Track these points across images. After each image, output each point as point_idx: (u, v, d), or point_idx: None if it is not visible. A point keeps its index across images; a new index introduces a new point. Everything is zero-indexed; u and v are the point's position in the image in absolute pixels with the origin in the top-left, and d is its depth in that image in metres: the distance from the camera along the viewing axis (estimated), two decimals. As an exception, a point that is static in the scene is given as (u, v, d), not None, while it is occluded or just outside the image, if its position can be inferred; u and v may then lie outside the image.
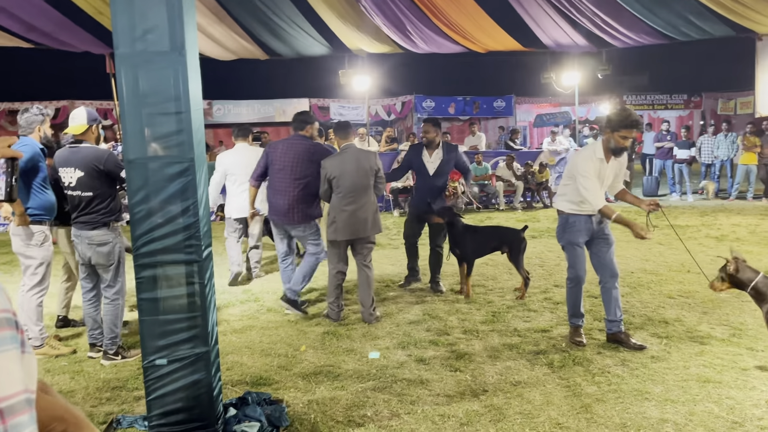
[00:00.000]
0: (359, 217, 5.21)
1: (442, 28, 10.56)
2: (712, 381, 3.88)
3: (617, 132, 4.35)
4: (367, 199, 5.26)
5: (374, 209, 5.33)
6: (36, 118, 4.61)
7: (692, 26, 10.23)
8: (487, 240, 6.23)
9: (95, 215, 4.23)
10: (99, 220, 4.23)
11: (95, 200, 4.20)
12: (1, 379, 0.52)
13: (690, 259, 7.31)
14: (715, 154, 13.43)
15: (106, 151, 4.34)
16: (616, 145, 4.39)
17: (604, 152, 4.47)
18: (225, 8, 9.05)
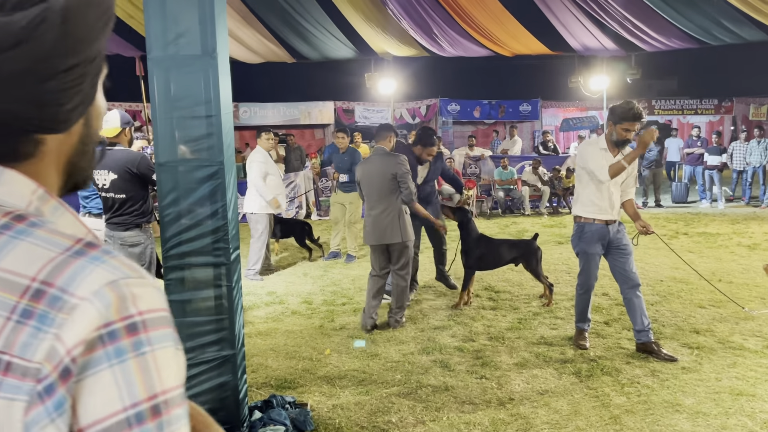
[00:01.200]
0: (382, 222, 5.13)
1: (469, 31, 10.50)
2: (745, 394, 3.78)
3: (619, 124, 4.35)
4: (389, 204, 5.12)
5: (397, 215, 5.13)
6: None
7: (726, 31, 10.02)
8: (500, 252, 6.04)
9: (128, 217, 4.29)
10: (131, 221, 4.28)
11: (128, 202, 4.25)
12: (163, 373, 0.58)
13: (721, 268, 7.18)
14: (747, 160, 13.13)
15: (139, 153, 4.39)
16: (618, 137, 4.37)
17: (607, 144, 4.44)
18: (253, 11, 9.12)
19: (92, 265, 0.58)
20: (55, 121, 0.64)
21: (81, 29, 0.61)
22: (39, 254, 0.58)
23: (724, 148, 13.78)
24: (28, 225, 0.60)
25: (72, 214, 0.67)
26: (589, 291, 4.70)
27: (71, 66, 0.62)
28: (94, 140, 0.72)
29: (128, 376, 0.56)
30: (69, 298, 0.56)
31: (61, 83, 0.62)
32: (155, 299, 0.60)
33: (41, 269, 0.57)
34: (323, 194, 12.52)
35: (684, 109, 21.94)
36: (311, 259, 8.10)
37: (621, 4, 9.37)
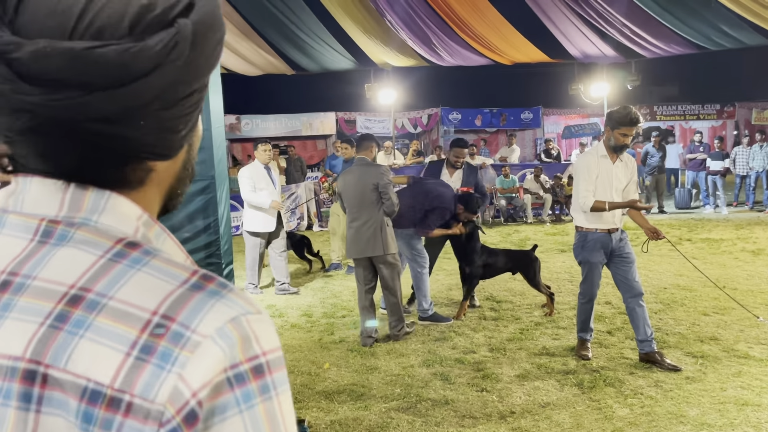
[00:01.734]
0: (364, 234, 4.97)
1: (468, 41, 10.52)
2: (750, 404, 3.71)
3: (617, 129, 4.32)
4: (370, 217, 4.93)
5: (378, 227, 4.94)
6: None
7: (725, 36, 10.01)
8: (499, 262, 6.05)
9: None
10: None
11: None
12: (287, 419, 0.56)
13: (726, 274, 7.10)
14: (750, 165, 13.07)
15: None
16: (616, 142, 4.35)
17: (606, 151, 4.41)
18: (251, 25, 9.15)
19: (212, 300, 0.55)
20: (169, 148, 0.62)
21: (204, 54, 0.59)
22: (158, 286, 0.55)
23: (727, 153, 13.72)
24: (142, 253, 0.57)
25: (174, 241, 0.65)
26: (591, 300, 4.65)
27: (192, 92, 0.60)
28: (193, 164, 0.71)
29: (257, 423, 0.54)
30: (191, 334, 0.53)
31: (182, 110, 0.60)
32: (274, 337, 0.58)
33: (162, 302, 0.54)
34: (324, 205, 12.50)
35: (686, 115, 21.88)
36: (311, 271, 8.07)
37: (620, 11, 9.38)
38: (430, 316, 5.65)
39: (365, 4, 8.77)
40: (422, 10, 9.08)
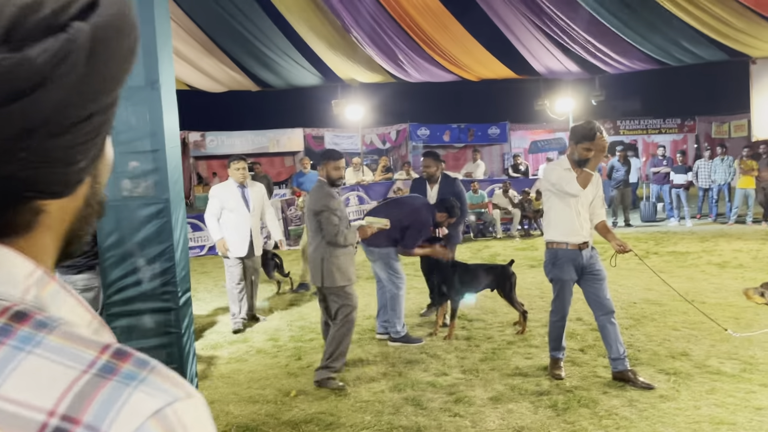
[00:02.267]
0: (312, 261, 4.64)
1: (435, 57, 10.52)
2: (725, 423, 3.66)
3: (580, 144, 4.34)
4: (317, 244, 4.54)
5: (320, 256, 4.50)
6: None
7: (685, 51, 10.20)
8: (476, 278, 5.95)
9: (79, 258, 4.03)
10: (84, 263, 4.02)
11: None
12: None
13: (694, 288, 7.14)
14: (713, 178, 13.33)
15: None
16: (579, 156, 4.35)
17: (571, 165, 4.41)
18: (214, 41, 8.98)
19: (129, 388, 0.43)
20: (63, 184, 0.49)
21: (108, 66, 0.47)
22: (55, 374, 0.42)
23: (689, 166, 13.98)
24: (33, 327, 0.44)
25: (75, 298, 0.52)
26: (563, 318, 4.59)
27: (91, 114, 0.47)
28: (100, 200, 0.57)
29: None
30: None
31: (77, 136, 0.47)
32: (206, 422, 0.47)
33: (61, 398, 0.41)
34: (292, 223, 12.31)
35: (648, 129, 22.33)
36: (279, 292, 7.85)
37: (583, 28, 9.49)
38: (402, 337, 5.49)
39: (330, 19, 8.70)
40: (388, 26, 9.05)
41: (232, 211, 6.08)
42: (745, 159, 12.68)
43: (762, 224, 12.45)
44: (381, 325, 5.70)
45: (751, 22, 9.00)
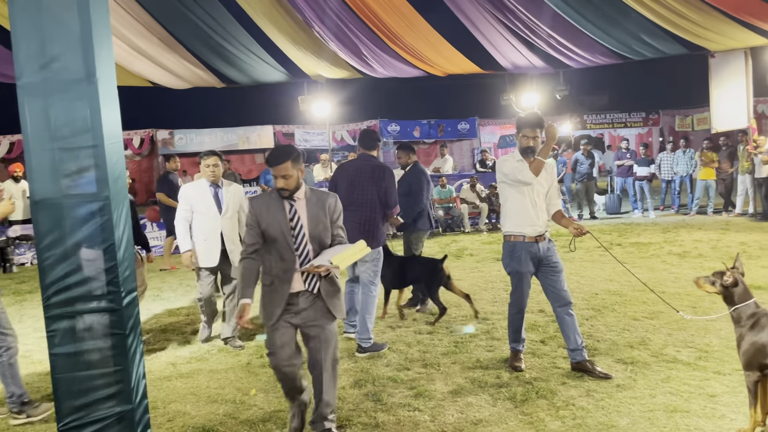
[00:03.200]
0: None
1: (400, 53, 10.49)
2: (679, 410, 3.71)
3: (520, 132, 4.44)
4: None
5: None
6: None
7: (646, 45, 10.34)
8: (404, 271, 6.07)
9: None
10: None
11: None
12: None
13: (654, 277, 7.25)
14: (675, 170, 13.58)
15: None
16: (520, 145, 4.45)
17: (522, 155, 4.45)
18: (175, 37, 8.82)
19: None
20: None
21: None
22: None
23: (653, 159, 14.21)
24: None
25: None
26: (522, 310, 4.61)
27: None
28: None
29: None
30: None
31: None
32: None
33: None
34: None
35: (614, 123, 22.66)
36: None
37: (546, 23, 9.55)
38: (372, 345, 5.19)
39: (292, 14, 8.60)
40: (351, 21, 8.98)
41: (201, 214, 5.41)
42: (706, 151, 12.93)
43: (722, 214, 12.72)
44: (349, 324, 5.60)
45: (708, 16, 9.16)
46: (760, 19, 9.35)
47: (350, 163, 5.40)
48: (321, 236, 3.37)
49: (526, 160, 4.42)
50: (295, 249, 3.32)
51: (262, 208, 3.34)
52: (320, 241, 3.37)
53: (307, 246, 3.34)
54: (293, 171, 3.28)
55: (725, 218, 12.35)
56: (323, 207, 3.39)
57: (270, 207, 3.34)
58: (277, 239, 3.32)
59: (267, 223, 3.31)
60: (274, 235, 3.32)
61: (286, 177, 3.27)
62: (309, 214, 3.34)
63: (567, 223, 4.54)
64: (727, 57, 11.95)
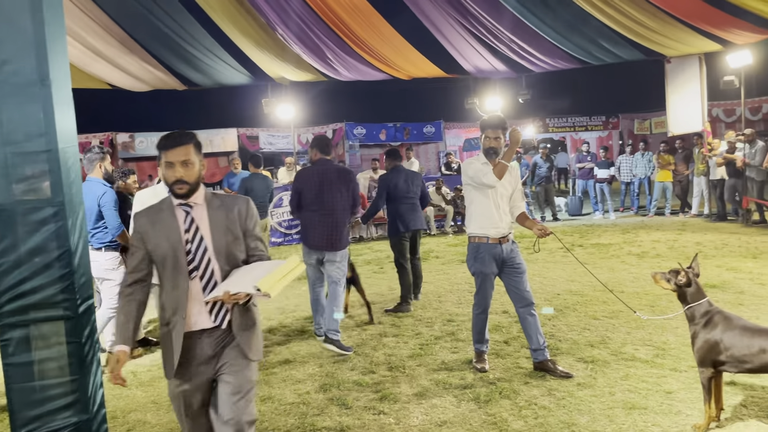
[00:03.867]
0: None
1: (364, 56, 10.50)
2: (637, 407, 3.80)
3: (483, 133, 4.54)
4: None
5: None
6: (96, 156, 5.22)
7: (604, 51, 10.58)
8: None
9: None
10: None
11: None
12: None
13: (614, 277, 7.41)
14: (634, 172, 13.91)
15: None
16: (483, 146, 4.54)
17: (485, 156, 4.53)
18: (135, 39, 8.66)
19: None
20: None
21: None
22: None
23: (612, 161, 14.53)
24: None
25: None
26: (485, 311, 4.67)
27: None
28: None
29: None
30: None
31: None
32: None
33: None
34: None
35: (575, 126, 23.12)
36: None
37: (508, 28, 9.68)
38: (338, 341, 5.22)
39: (254, 16, 8.53)
40: (315, 24, 8.96)
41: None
42: (662, 154, 13.28)
43: (679, 215, 13.08)
44: (319, 326, 5.56)
45: (663, 23, 9.42)
46: (714, 25, 9.66)
47: (312, 169, 5.46)
48: (230, 251, 2.54)
49: (490, 161, 4.48)
50: (192, 270, 2.49)
51: (146, 223, 2.53)
52: (230, 257, 2.54)
53: (211, 265, 2.51)
54: (195, 158, 2.50)
55: (682, 219, 12.70)
56: (231, 212, 2.58)
57: (158, 220, 2.52)
58: (167, 259, 2.48)
59: (154, 242, 2.50)
60: (163, 255, 2.48)
61: (186, 164, 2.47)
62: (212, 221, 2.54)
63: (531, 224, 4.61)
64: (682, 62, 12.31)
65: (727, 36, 10.15)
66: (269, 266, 2.50)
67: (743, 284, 6.75)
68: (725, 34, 10.07)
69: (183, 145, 2.48)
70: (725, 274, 7.28)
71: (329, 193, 5.29)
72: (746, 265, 7.75)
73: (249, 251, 2.62)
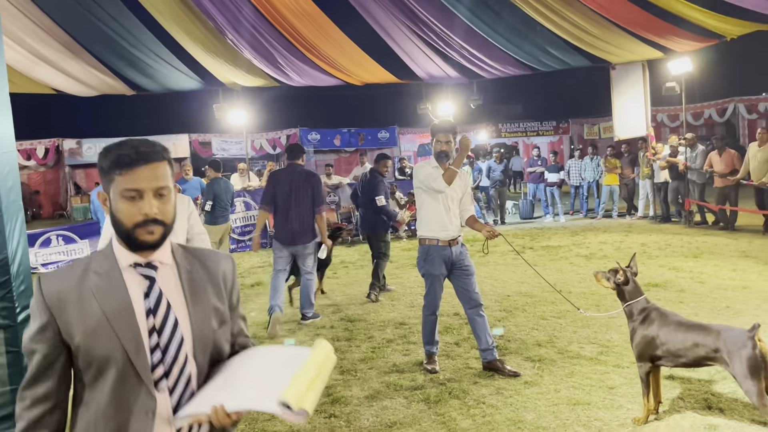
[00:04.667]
0: None
1: (316, 62, 10.52)
2: (581, 403, 3.92)
3: (434, 137, 4.66)
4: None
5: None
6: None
7: (552, 57, 10.87)
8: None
9: None
10: None
11: None
12: None
13: (562, 278, 7.60)
14: (583, 176, 14.30)
15: None
16: (434, 150, 4.65)
17: (438, 162, 4.62)
18: (79, 42, 8.45)
19: None
20: None
21: None
22: None
23: (562, 166, 14.90)
24: None
25: None
26: (435, 312, 4.74)
27: None
28: None
29: None
30: None
31: None
32: None
33: None
34: (175, 232, 11.82)
35: (527, 131, 23.61)
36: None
37: (458, 35, 9.86)
38: (313, 314, 6.39)
39: (203, 21, 8.45)
40: (266, 30, 8.93)
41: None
42: (609, 158, 13.69)
43: (626, 218, 13.50)
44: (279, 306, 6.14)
45: (608, 31, 9.75)
46: (655, 34, 10.05)
47: (283, 171, 6.34)
48: (217, 341, 1.61)
49: (441, 164, 4.57)
50: (159, 379, 1.50)
51: (68, 298, 1.48)
52: (215, 350, 1.61)
53: (188, 367, 1.54)
54: (169, 182, 1.54)
55: (628, 221, 13.11)
56: (214, 277, 1.65)
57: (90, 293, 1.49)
58: (112, 363, 1.47)
59: (85, 333, 1.47)
60: (104, 356, 1.46)
61: (162, 193, 1.51)
62: (190, 294, 1.58)
63: (480, 227, 4.71)
64: (626, 69, 12.75)
65: (667, 44, 10.58)
66: (284, 360, 1.53)
67: (684, 283, 7.02)
68: (666, 42, 10.49)
69: (156, 161, 1.50)
70: (668, 274, 7.56)
71: (297, 192, 6.10)
72: (687, 264, 8.07)
73: (233, 337, 1.70)
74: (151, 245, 1.51)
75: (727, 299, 6.20)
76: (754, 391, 3.15)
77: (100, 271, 1.51)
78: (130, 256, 1.52)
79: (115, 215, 1.50)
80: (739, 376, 3.21)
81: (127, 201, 1.47)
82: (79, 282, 1.49)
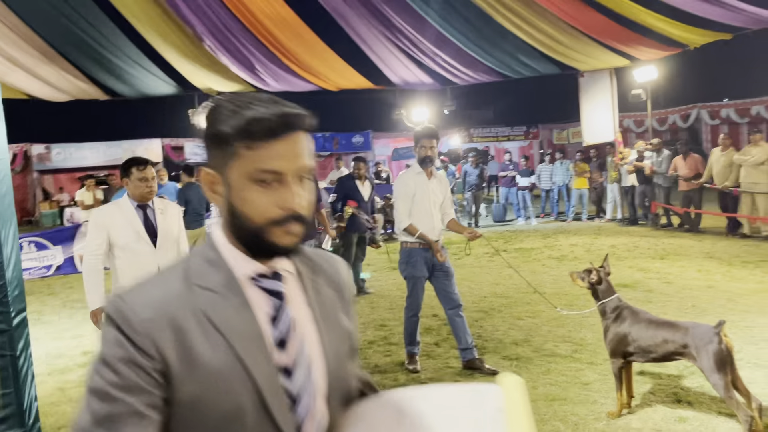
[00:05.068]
0: None
1: (292, 67, 10.60)
2: (558, 399, 4.08)
3: (418, 143, 4.73)
4: None
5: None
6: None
7: (522, 64, 11.14)
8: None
9: None
10: None
11: None
12: None
13: (535, 280, 7.80)
14: (553, 180, 14.61)
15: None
16: (419, 155, 4.74)
17: (421, 168, 4.75)
18: (54, 47, 8.40)
19: None
20: None
21: None
22: None
23: (533, 170, 15.21)
24: None
25: None
26: (417, 314, 4.86)
27: None
28: None
29: None
30: None
31: None
32: None
33: None
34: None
35: (499, 136, 23.99)
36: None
37: (432, 41, 10.04)
38: None
39: (181, 27, 8.48)
40: (242, 36, 8.99)
41: (126, 249, 3.64)
42: (578, 162, 14.03)
43: (595, 220, 13.84)
44: None
45: (576, 40, 10.04)
46: (622, 42, 10.38)
47: None
48: (346, 378, 1.15)
49: (425, 170, 4.70)
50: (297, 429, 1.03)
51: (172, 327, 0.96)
52: (345, 390, 1.14)
53: (321, 420, 1.07)
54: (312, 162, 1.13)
55: (598, 224, 13.44)
56: (337, 287, 1.19)
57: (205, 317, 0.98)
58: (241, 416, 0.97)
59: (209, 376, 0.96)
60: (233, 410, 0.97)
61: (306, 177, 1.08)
62: (322, 316, 1.12)
63: (461, 229, 4.86)
64: (594, 76, 13.09)
65: (633, 52, 10.93)
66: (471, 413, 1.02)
67: (652, 283, 7.28)
68: (632, 51, 10.83)
69: (302, 130, 1.09)
70: (636, 274, 7.82)
71: None
72: (655, 265, 8.35)
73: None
74: (288, 251, 1.05)
75: (693, 298, 6.46)
76: (720, 384, 3.34)
77: (211, 285, 1.01)
78: (250, 264, 1.05)
79: (236, 206, 1.03)
80: (706, 370, 3.39)
81: (259, 187, 1.01)
82: (185, 302, 0.98)
